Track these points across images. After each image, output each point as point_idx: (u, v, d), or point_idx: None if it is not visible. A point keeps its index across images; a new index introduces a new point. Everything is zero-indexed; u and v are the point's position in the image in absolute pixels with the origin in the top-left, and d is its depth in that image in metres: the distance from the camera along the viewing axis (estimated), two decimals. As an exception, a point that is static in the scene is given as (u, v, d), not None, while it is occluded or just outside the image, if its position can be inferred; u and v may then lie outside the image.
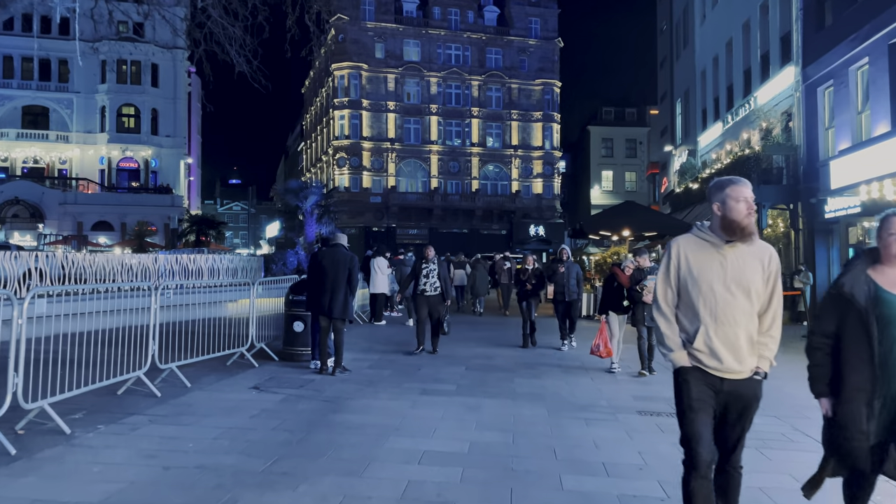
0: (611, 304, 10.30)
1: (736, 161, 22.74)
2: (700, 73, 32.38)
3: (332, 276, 9.32)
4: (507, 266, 22.16)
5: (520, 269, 13.16)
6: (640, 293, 9.67)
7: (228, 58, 14.45)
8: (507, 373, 10.06)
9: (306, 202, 28.69)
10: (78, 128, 54.72)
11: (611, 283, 10.36)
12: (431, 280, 11.78)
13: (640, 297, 9.68)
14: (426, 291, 11.77)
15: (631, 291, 9.90)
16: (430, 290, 11.77)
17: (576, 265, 13.14)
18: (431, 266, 11.87)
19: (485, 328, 16.89)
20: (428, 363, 10.72)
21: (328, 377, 9.18)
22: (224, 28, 11.26)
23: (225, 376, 8.95)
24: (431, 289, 11.77)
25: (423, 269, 11.85)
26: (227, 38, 12.31)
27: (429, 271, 11.82)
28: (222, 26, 11.22)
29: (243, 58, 14.25)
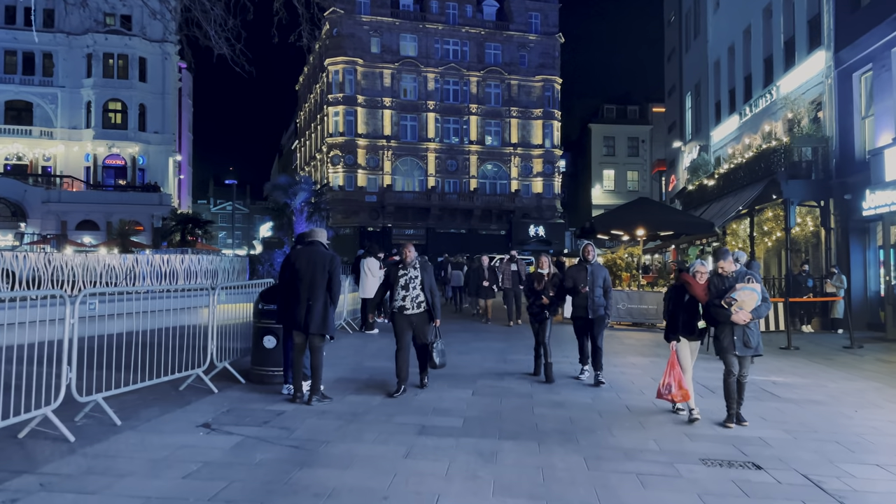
0: (681, 324, 7.50)
1: (760, 154, 20.98)
2: (713, 64, 30.63)
3: (308, 281, 7.52)
4: (514, 268, 18.52)
5: (532, 275, 9.83)
6: (726, 310, 6.95)
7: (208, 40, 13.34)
8: (523, 398, 8.24)
9: (295, 199, 26.90)
10: (62, 123, 52.86)
11: (679, 296, 7.49)
12: (412, 293, 8.36)
13: (726, 315, 6.98)
14: (406, 308, 8.34)
15: (710, 308, 7.16)
16: (412, 307, 8.34)
17: (603, 268, 9.85)
18: (412, 273, 8.44)
19: (492, 337, 15.06)
20: (427, 387, 8.89)
21: (302, 407, 7.36)
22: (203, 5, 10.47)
23: (171, 408, 7.12)
24: (413, 304, 8.35)
25: (401, 277, 8.42)
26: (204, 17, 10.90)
27: (408, 280, 8.40)
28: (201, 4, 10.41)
29: (224, 39, 13.07)
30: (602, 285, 9.62)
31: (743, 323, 6.93)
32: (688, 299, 7.42)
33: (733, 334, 7.04)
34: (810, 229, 20.56)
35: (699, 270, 7.42)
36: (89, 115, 52.74)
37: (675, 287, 7.69)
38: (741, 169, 22.57)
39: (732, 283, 7.07)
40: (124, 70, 53.40)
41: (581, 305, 9.62)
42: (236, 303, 9.55)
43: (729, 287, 7.06)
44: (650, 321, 17.56)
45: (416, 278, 8.42)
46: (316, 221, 28.57)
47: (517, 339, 14.56)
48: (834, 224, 19.27)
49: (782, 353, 13.69)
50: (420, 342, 8.52)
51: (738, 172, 22.85)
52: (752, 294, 6.92)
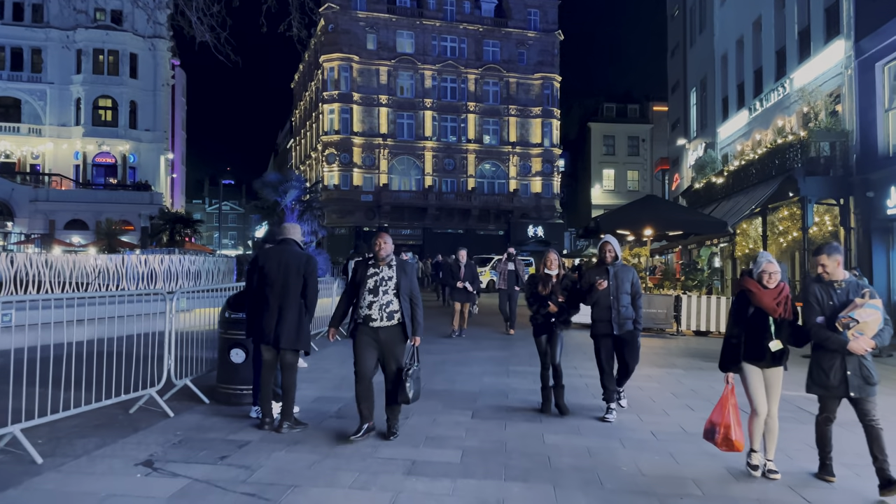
0: (744, 347, 5.53)
1: (773, 150, 19.87)
2: (720, 59, 29.53)
3: (279, 286, 6.38)
4: (511, 267, 16.20)
5: (536, 276, 7.77)
6: (839, 334, 5.06)
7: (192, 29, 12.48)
8: (532, 423, 7.10)
9: (286, 197, 25.77)
10: (51, 120, 51.62)
11: (741, 307, 5.55)
12: (382, 299, 6.19)
13: (838, 342, 5.07)
14: (371, 318, 6.17)
15: (810, 330, 5.26)
16: (380, 317, 6.16)
17: (630, 269, 7.63)
18: (385, 272, 6.26)
19: (492, 345, 13.90)
20: (418, 408, 7.73)
21: (271, 436, 6.22)
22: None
23: (112, 438, 5.97)
24: (382, 314, 6.16)
25: (370, 278, 6.24)
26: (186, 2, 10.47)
27: (379, 282, 6.23)
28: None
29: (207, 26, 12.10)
30: (630, 291, 7.42)
31: (862, 353, 5.09)
32: (753, 312, 5.45)
33: (845, 368, 5.12)
34: (828, 229, 19.45)
35: (768, 270, 5.40)
36: (79, 112, 51.54)
37: (738, 297, 5.65)
38: (753, 166, 21.47)
39: (843, 296, 5.16)
40: (115, 66, 52.20)
41: (603, 318, 7.35)
42: (207, 307, 8.43)
43: (840, 302, 5.12)
44: (658, 326, 16.48)
45: (390, 280, 6.20)
46: (308, 220, 27.43)
47: (519, 347, 13.41)
48: (854, 223, 18.17)
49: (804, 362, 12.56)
50: (390, 368, 6.23)
51: (749, 169, 21.76)
52: (875, 314, 5.05)
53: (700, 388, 9.52)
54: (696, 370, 11.18)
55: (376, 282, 6.23)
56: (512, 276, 16.16)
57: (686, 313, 16.34)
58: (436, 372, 10.09)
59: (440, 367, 10.57)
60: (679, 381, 10.08)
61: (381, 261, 6.29)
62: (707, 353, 13.11)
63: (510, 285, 16.14)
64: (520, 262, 16.81)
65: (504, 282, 16.28)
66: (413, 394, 6.13)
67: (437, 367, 10.48)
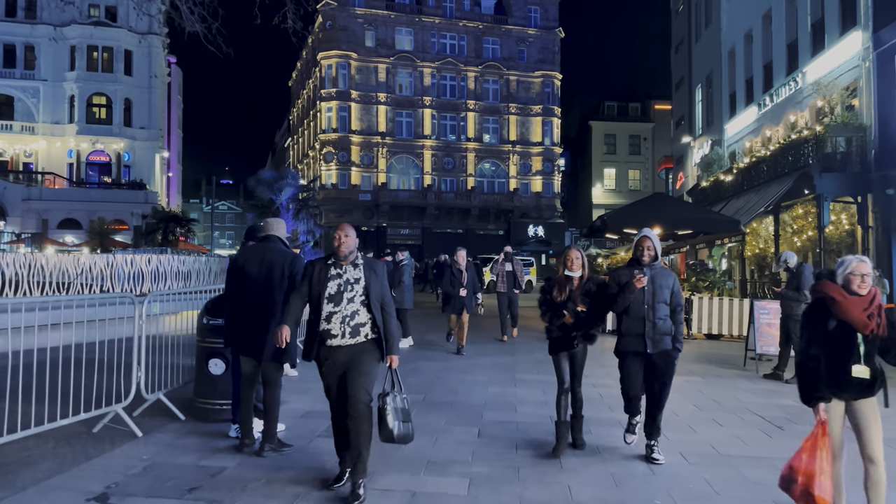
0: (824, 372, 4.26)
1: (786, 146, 19.12)
2: (727, 54, 28.78)
3: (260, 289, 5.62)
4: (508, 268, 15.03)
5: (552, 279, 6.29)
6: None
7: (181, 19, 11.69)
8: (547, 444, 6.30)
9: (281, 195, 25.07)
10: (45, 118, 50.92)
11: (820, 319, 4.26)
12: (346, 309, 4.79)
13: None
14: (331, 335, 4.79)
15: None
16: (342, 333, 4.78)
17: (670, 274, 6.03)
18: (350, 274, 4.88)
19: (496, 350, 13.12)
20: (419, 425, 6.96)
21: (250, 461, 5.44)
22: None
23: (68, 464, 5.19)
24: (345, 330, 4.78)
25: (330, 281, 4.84)
26: None
27: (341, 287, 4.83)
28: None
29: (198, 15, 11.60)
30: (669, 300, 5.92)
31: None
32: (835, 326, 4.17)
33: None
34: (845, 228, 18.70)
35: (858, 272, 4.15)
36: (72, 109, 50.84)
37: (813, 306, 4.38)
38: (764, 162, 20.72)
39: None
40: (109, 63, 51.48)
41: (633, 331, 5.87)
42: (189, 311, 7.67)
43: None
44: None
45: (357, 283, 4.81)
46: (304, 219, 26.74)
47: (525, 352, 12.66)
48: (873, 222, 17.42)
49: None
50: (353, 399, 4.65)
51: (760, 166, 21.00)
52: None
53: (723, 399, 8.77)
54: (715, 377, 10.44)
55: (339, 286, 4.79)
56: (510, 277, 15.06)
57: (697, 316, 15.59)
58: (438, 381, 9.34)
59: (442, 376, 9.81)
60: (699, 391, 9.32)
61: (343, 259, 4.86)
62: (723, 359, 12.39)
63: (509, 287, 15.00)
64: (518, 262, 15.74)
65: (503, 283, 15.04)
66: (400, 430, 4.68)
67: (439, 376, 9.72)
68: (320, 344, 4.83)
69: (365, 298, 4.82)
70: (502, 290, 14.97)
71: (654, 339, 5.85)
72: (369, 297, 4.82)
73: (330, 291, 4.80)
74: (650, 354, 5.86)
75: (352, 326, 4.77)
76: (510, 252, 15.57)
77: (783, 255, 10.67)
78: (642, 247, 5.97)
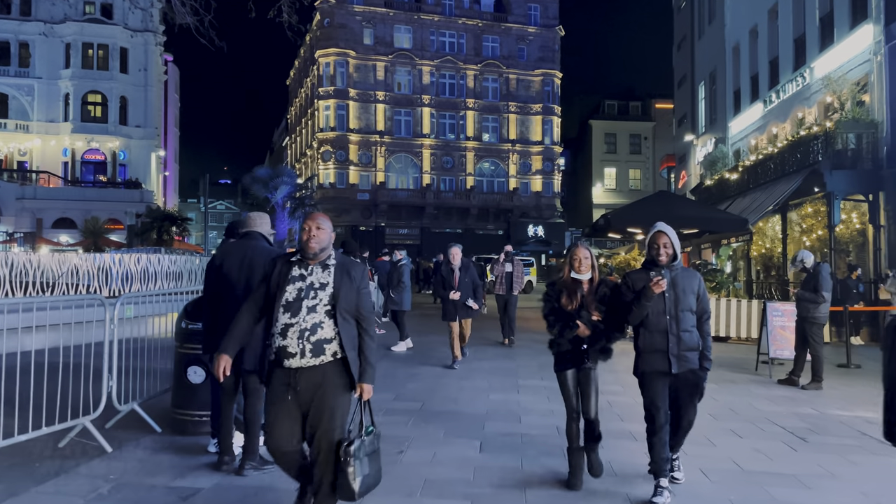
0: None
1: (795, 143, 18.63)
2: (731, 50, 28.29)
3: (241, 291, 5.08)
4: (508, 269, 14.04)
5: (558, 283, 5.20)
6: None
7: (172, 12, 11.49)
8: (554, 458, 5.76)
9: (276, 193, 24.52)
10: (39, 116, 50.43)
11: None
12: (307, 320, 3.75)
13: None
14: (289, 354, 3.73)
15: None
16: (300, 351, 3.73)
17: (695, 275, 5.10)
18: (316, 276, 3.87)
19: (497, 354, 12.60)
20: (416, 438, 6.45)
21: (229, 481, 4.91)
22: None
23: (24, 486, 4.66)
24: (304, 347, 3.73)
25: (290, 284, 3.85)
26: None
27: (302, 292, 3.81)
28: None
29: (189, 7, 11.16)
30: (694, 307, 4.93)
31: None
32: None
33: None
34: (856, 227, 18.20)
35: None
36: (67, 107, 50.38)
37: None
38: (771, 160, 20.24)
39: None
40: (104, 61, 51.01)
41: (654, 347, 4.86)
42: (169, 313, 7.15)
43: None
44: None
45: (323, 289, 3.81)
46: (300, 217, 26.17)
47: (526, 356, 12.13)
48: (885, 220, 16.92)
49: (844, 374, 11.36)
50: (318, 441, 3.77)
51: (766, 164, 20.52)
52: None
53: (739, 407, 8.27)
54: (728, 383, 9.93)
55: (299, 291, 3.79)
56: (509, 278, 14.03)
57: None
58: (437, 388, 8.82)
59: (441, 382, 9.29)
60: (713, 398, 8.78)
61: (311, 257, 3.86)
62: (734, 363, 11.90)
63: (509, 289, 13.98)
64: (518, 262, 14.70)
65: (501, 285, 14.05)
66: (362, 485, 3.72)
67: (438, 382, 9.20)
68: (274, 364, 3.79)
69: (332, 308, 3.78)
70: (500, 292, 13.99)
71: (678, 356, 4.81)
72: (337, 307, 3.77)
73: (287, 297, 3.79)
74: (675, 375, 4.85)
75: (313, 343, 3.72)
76: (511, 252, 14.67)
77: (799, 255, 10.16)
78: (657, 244, 4.89)
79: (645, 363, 4.92)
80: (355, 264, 4.00)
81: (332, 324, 3.77)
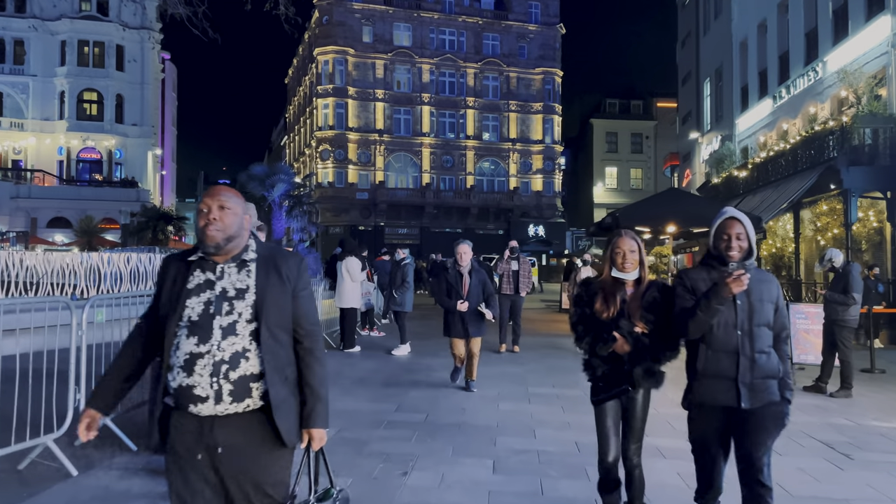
0: None
1: (810, 138, 18.00)
2: (738, 45, 27.69)
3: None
4: (514, 267, 12.80)
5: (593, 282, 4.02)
6: None
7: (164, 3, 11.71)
8: (577, 481, 5.15)
9: (273, 191, 23.90)
10: (34, 114, 49.77)
11: None
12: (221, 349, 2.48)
13: None
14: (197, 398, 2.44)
15: None
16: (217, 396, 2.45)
17: (772, 279, 3.75)
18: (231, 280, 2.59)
19: (503, 359, 11.97)
20: (421, 451, 5.82)
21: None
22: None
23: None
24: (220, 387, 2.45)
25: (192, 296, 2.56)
26: None
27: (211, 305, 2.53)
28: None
29: None
30: (771, 322, 3.65)
31: None
32: None
33: None
34: (873, 225, 17.59)
35: None
36: (63, 105, 49.70)
37: None
38: (782, 157, 19.62)
39: None
40: (100, 58, 50.37)
41: (718, 372, 3.60)
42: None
43: None
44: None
45: (241, 298, 2.56)
46: (297, 216, 25.60)
47: (534, 360, 11.52)
48: (903, 219, 16.32)
49: (870, 379, 10.72)
50: None
51: (778, 161, 19.91)
52: None
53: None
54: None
55: (207, 304, 2.54)
56: (515, 277, 12.82)
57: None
58: (441, 397, 8.19)
59: (446, 390, 8.65)
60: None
61: (214, 250, 2.59)
62: (755, 368, 11.24)
63: (516, 290, 12.76)
64: (525, 260, 13.30)
65: (508, 285, 12.78)
66: None
67: (442, 390, 8.57)
68: (177, 410, 2.52)
69: (255, 323, 2.53)
70: (507, 293, 12.67)
71: (751, 384, 3.53)
72: (262, 322, 2.52)
73: (190, 314, 2.52)
74: (746, 411, 3.52)
75: (234, 381, 2.47)
76: (516, 247, 13.33)
77: (828, 254, 9.52)
78: (728, 234, 3.60)
79: (703, 392, 3.63)
80: (288, 256, 2.71)
81: (255, 351, 2.52)
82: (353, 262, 11.97)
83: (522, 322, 13.36)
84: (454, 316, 8.60)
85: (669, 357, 3.83)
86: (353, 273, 11.84)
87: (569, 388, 8.86)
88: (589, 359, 3.92)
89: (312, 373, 2.64)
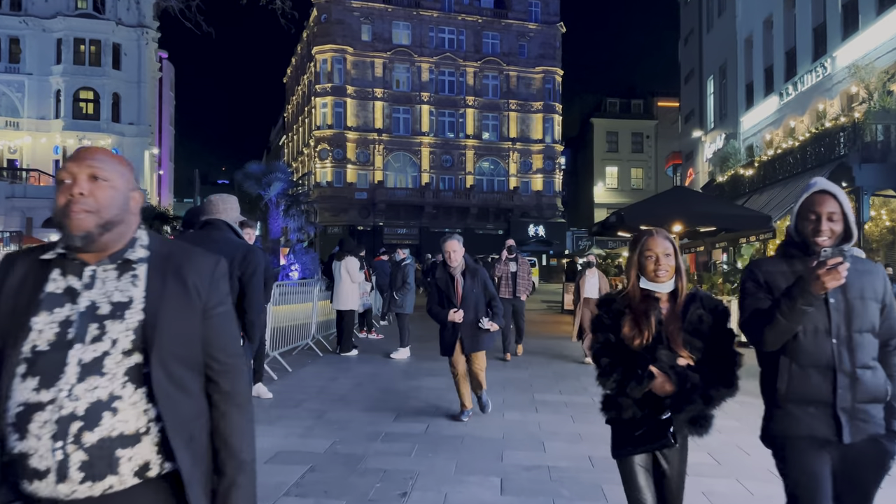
0: None
1: (820, 135, 17.57)
2: (743, 42, 27.26)
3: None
4: (513, 269, 11.84)
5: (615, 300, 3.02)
6: None
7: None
8: (592, 499, 4.70)
9: (270, 190, 23.44)
10: (30, 113, 49.30)
11: None
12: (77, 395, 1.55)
13: None
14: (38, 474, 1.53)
15: None
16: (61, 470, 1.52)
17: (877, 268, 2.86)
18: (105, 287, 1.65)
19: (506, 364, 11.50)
20: (422, 468, 5.35)
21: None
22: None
23: None
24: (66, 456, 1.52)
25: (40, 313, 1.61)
26: None
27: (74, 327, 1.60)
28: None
29: None
30: (876, 326, 2.74)
31: None
32: None
33: None
34: (885, 224, 17.15)
35: None
36: (59, 104, 49.24)
37: None
38: (791, 155, 19.18)
39: None
40: (97, 57, 49.87)
41: (809, 395, 2.70)
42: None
43: None
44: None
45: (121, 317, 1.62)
46: (295, 216, 25.13)
47: (539, 365, 11.06)
48: (917, 217, 15.88)
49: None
50: None
51: (786, 159, 19.47)
52: None
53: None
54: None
55: (64, 325, 1.60)
56: (514, 279, 11.83)
57: (728, 322, 13.99)
58: (443, 405, 7.71)
59: (448, 398, 8.17)
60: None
61: (79, 245, 1.64)
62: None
63: (515, 293, 11.79)
64: (524, 260, 12.29)
65: (507, 287, 11.76)
66: None
67: (444, 397, 8.09)
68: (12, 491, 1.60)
69: (140, 358, 1.62)
70: (506, 296, 11.44)
71: (852, 411, 2.66)
72: (152, 355, 1.62)
73: (35, 342, 1.59)
74: (849, 447, 2.67)
75: (90, 448, 1.54)
76: (514, 246, 12.30)
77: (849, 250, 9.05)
78: (818, 213, 2.74)
79: (790, 422, 2.74)
80: (197, 256, 1.78)
81: (141, 396, 1.61)
82: (353, 263, 11.50)
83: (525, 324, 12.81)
84: (448, 330, 6.87)
85: (724, 395, 2.84)
86: (352, 273, 11.37)
87: (577, 395, 8.41)
88: (612, 399, 2.93)
89: (233, 428, 1.74)
